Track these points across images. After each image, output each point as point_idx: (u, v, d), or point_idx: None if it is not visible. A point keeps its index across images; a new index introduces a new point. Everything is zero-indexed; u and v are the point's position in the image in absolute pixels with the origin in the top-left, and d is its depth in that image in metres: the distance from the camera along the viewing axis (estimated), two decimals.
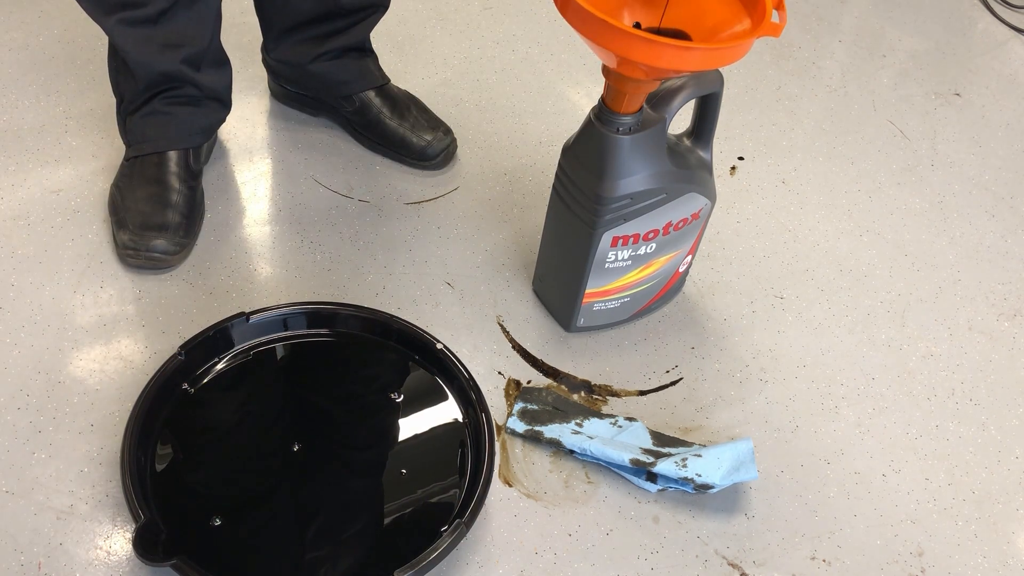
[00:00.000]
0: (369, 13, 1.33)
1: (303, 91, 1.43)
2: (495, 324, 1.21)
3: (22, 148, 1.35)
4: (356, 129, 1.42)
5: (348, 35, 1.34)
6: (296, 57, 1.36)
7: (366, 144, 1.42)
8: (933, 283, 1.35)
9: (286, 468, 1.02)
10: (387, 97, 1.40)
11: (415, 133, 1.38)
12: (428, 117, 1.41)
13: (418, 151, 1.38)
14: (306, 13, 1.31)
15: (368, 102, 1.39)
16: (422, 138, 1.38)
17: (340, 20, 1.32)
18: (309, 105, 1.44)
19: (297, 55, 1.36)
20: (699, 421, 1.14)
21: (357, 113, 1.39)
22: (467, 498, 0.99)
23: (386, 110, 1.39)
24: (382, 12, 1.35)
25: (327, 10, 1.30)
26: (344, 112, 1.41)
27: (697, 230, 1.17)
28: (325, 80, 1.38)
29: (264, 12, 1.35)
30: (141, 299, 1.19)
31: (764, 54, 1.73)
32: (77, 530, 0.97)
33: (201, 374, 1.09)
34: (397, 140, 1.38)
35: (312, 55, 1.34)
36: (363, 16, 1.33)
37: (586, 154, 1.04)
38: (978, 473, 1.12)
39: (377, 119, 1.38)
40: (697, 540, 1.03)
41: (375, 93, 1.39)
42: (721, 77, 1.06)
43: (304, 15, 1.31)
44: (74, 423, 1.06)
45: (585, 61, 1.63)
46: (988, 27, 1.90)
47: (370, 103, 1.39)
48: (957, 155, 1.57)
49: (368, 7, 1.32)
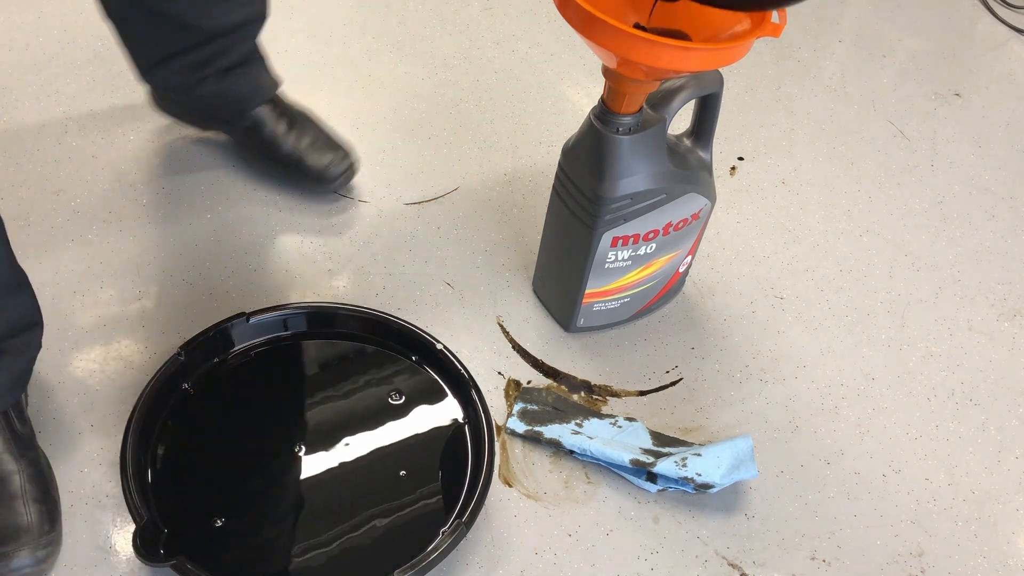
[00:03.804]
0: (246, 29, 1.22)
1: (192, 113, 1.33)
2: (495, 324, 1.21)
3: (22, 148, 1.35)
4: (248, 148, 1.32)
5: (229, 54, 1.22)
6: (179, 84, 1.24)
7: (260, 167, 1.33)
8: (933, 283, 1.35)
9: (286, 468, 1.02)
10: (283, 113, 1.30)
11: (313, 154, 1.29)
12: (326, 137, 1.32)
13: (316, 173, 1.29)
14: (174, 43, 1.19)
15: (262, 119, 1.28)
16: (320, 159, 1.28)
17: (215, 43, 1.19)
18: (196, 122, 1.35)
19: (179, 83, 1.24)
20: (699, 421, 1.14)
21: (250, 131, 1.29)
22: (467, 498, 0.99)
23: (281, 128, 1.29)
24: (261, 23, 1.24)
25: (195, 39, 1.18)
26: (237, 130, 1.30)
27: (697, 230, 1.17)
28: (216, 101, 1.26)
29: (129, 44, 1.23)
30: (141, 299, 1.19)
31: (764, 54, 1.73)
32: (77, 530, 0.97)
33: (201, 374, 1.09)
34: (293, 161, 1.29)
35: (196, 79, 1.23)
36: (240, 34, 1.21)
37: (586, 154, 1.04)
38: (978, 473, 1.12)
39: (272, 138, 1.28)
40: (697, 540, 1.03)
41: (270, 108, 1.28)
42: (721, 77, 1.06)
43: (173, 45, 1.19)
44: (74, 423, 1.06)
45: (585, 61, 1.64)
46: (988, 27, 1.90)
47: (264, 120, 1.28)
48: (957, 155, 1.57)
49: (242, 24, 1.20)
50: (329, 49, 1.59)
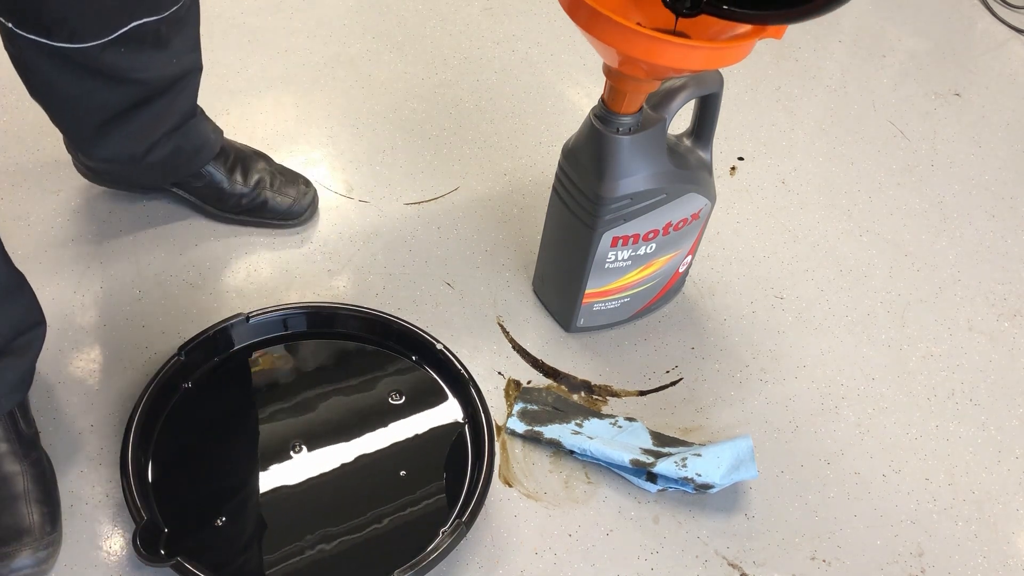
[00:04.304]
0: (187, 80, 1.13)
1: (137, 182, 1.26)
2: (495, 324, 1.21)
3: (22, 149, 1.35)
4: (205, 202, 1.27)
5: (173, 114, 1.14)
6: (126, 154, 1.15)
7: (219, 218, 1.28)
8: (933, 283, 1.35)
9: (286, 469, 1.02)
10: (234, 160, 1.25)
11: (275, 196, 1.26)
12: (282, 172, 1.29)
13: (283, 212, 1.27)
14: (116, 105, 1.08)
15: (215, 172, 1.23)
16: (285, 197, 1.26)
17: (158, 100, 1.10)
18: (139, 188, 1.28)
19: (126, 153, 1.15)
20: (699, 421, 1.14)
21: (208, 187, 1.24)
22: (467, 498, 0.99)
23: (237, 176, 1.24)
24: (199, 75, 1.16)
25: (137, 97, 1.09)
26: (192, 188, 1.25)
27: (697, 230, 1.17)
28: (168, 165, 1.19)
29: (65, 118, 1.12)
30: (141, 299, 1.19)
31: (764, 54, 1.73)
32: (77, 530, 0.97)
33: (201, 374, 1.09)
34: (258, 206, 1.25)
35: (145, 147, 1.15)
36: (182, 86, 1.13)
37: (586, 154, 1.04)
38: (978, 473, 1.12)
39: (230, 189, 1.24)
40: (697, 540, 1.03)
41: (220, 158, 1.24)
42: (721, 77, 1.06)
43: (115, 107, 1.09)
44: (74, 423, 1.06)
45: (585, 61, 1.63)
46: (988, 27, 1.90)
47: (217, 173, 1.23)
48: (957, 155, 1.57)
49: (181, 76, 1.12)
50: (329, 49, 1.59)
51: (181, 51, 1.09)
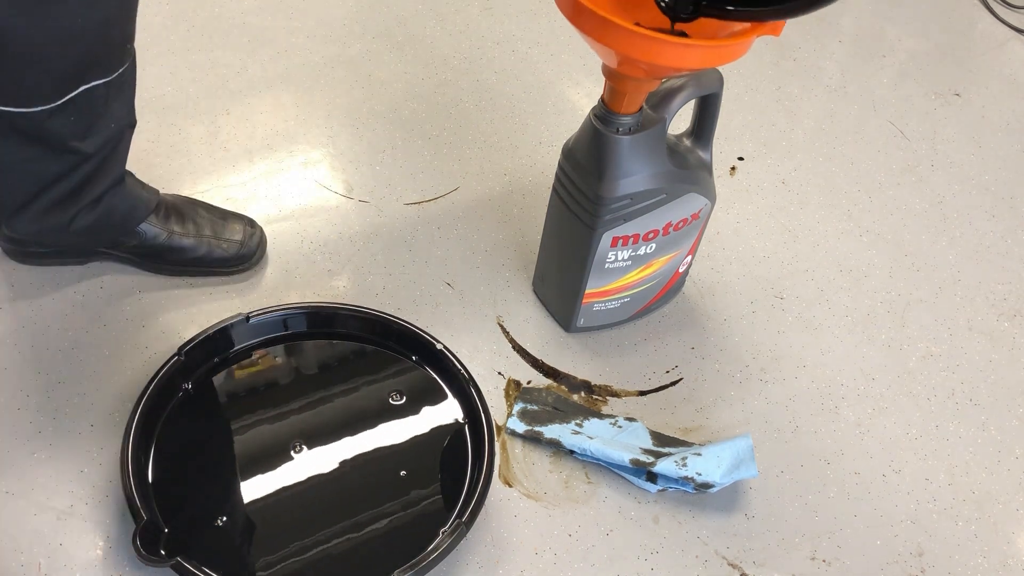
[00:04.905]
0: (118, 139, 1.07)
1: (65, 252, 1.18)
2: (495, 324, 1.21)
3: None
4: (146, 260, 1.19)
5: (101, 179, 1.08)
6: (48, 227, 1.09)
7: (163, 272, 1.20)
8: (933, 283, 1.35)
9: (286, 468, 1.02)
10: (168, 213, 1.18)
11: (220, 243, 1.19)
12: (223, 214, 1.22)
13: (233, 257, 1.20)
14: (50, 175, 1.04)
15: (150, 229, 1.16)
16: (232, 241, 1.19)
17: (88, 164, 1.04)
18: (71, 257, 1.19)
19: (48, 226, 1.09)
20: (699, 421, 1.14)
21: (144, 245, 1.17)
22: (467, 498, 0.99)
23: (177, 228, 1.17)
24: (131, 131, 1.10)
25: (71, 164, 1.03)
26: (126, 249, 1.18)
27: (697, 230, 1.17)
28: (97, 231, 1.13)
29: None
30: (141, 299, 1.19)
31: (764, 54, 1.73)
32: (77, 530, 0.97)
33: (201, 374, 1.09)
34: (202, 255, 1.18)
35: (68, 217, 1.08)
36: (113, 145, 1.06)
37: (586, 154, 1.04)
38: (978, 473, 1.12)
39: (169, 242, 1.17)
40: (697, 540, 1.03)
41: (154, 214, 1.16)
42: (721, 77, 1.06)
43: (48, 177, 1.04)
44: (74, 423, 1.06)
45: (585, 61, 1.64)
46: (988, 27, 1.90)
47: (152, 229, 1.16)
48: (957, 155, 1.57)
49: (114, 137, 1.05)
50: (329, 49, 1.59)
51: (119, 115, 1.04)
